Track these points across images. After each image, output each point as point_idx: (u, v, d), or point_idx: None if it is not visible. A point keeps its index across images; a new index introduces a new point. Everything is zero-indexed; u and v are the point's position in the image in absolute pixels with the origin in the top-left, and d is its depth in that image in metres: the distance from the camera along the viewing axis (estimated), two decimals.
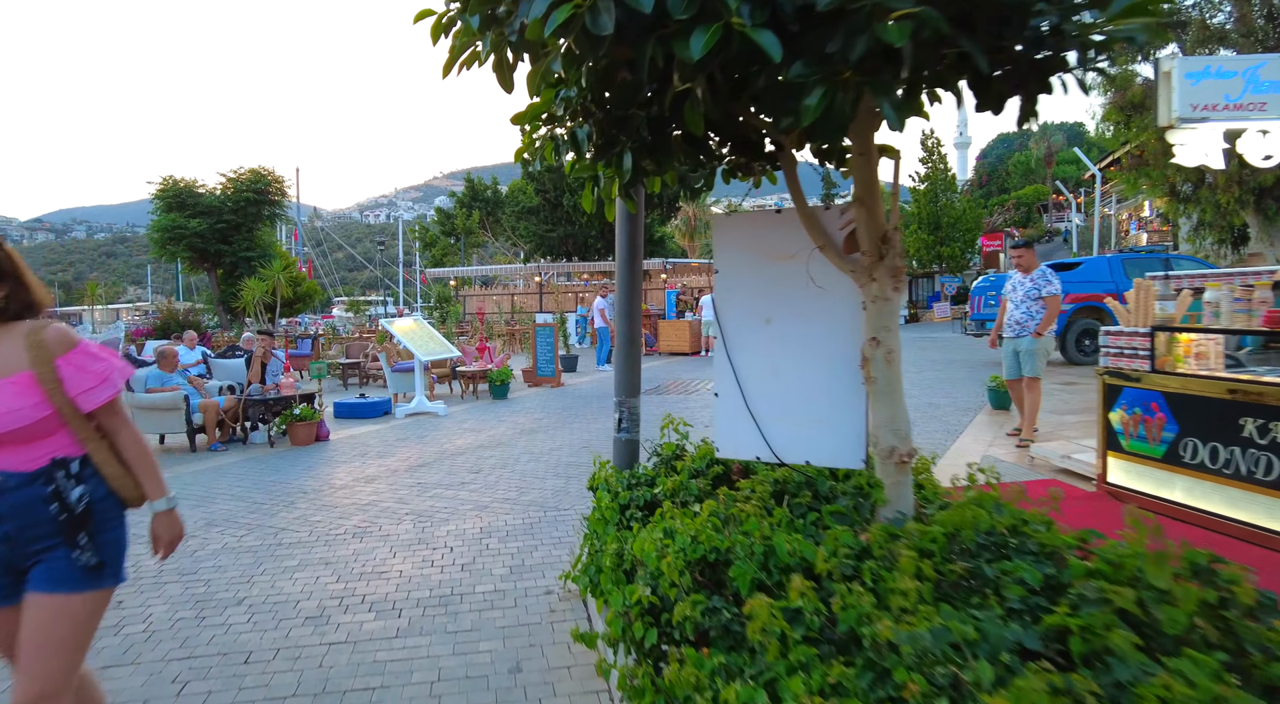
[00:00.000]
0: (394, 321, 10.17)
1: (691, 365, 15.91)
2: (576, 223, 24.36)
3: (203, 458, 7.40)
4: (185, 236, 19.17)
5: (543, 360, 13.09)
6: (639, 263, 4.14)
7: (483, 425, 8.96)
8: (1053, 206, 65.55)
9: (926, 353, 16.11)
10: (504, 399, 11.40)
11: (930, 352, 16.38)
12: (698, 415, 8.93)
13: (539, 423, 8.99)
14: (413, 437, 8.32)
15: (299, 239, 62.66)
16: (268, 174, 20.48)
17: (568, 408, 10.21)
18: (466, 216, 34.27)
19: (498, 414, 9.85)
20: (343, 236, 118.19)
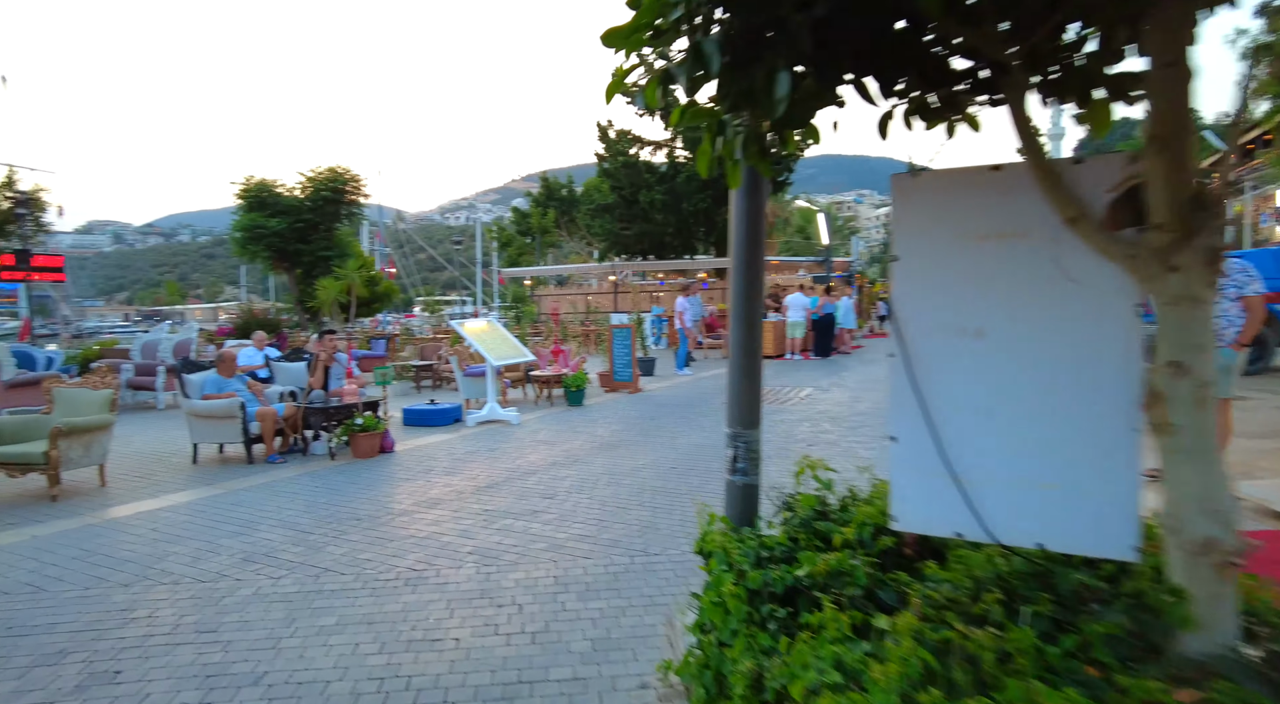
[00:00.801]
0: (465, 323, 9.54)
1: (779, 370, 14.83)
2: (652, 220, 23.52)
3: (258, 471, 6.86)
4: (265, 236, 19.30)
5: (620, 364, 12.27)
6: (760, 251, 3.21)
7: (557, 437, 8.18)
8: None
9: None
10: (579, 406, 10.63)
11: None
12: (796, 431, 7.91)
13: (618, 436, 8.15)
14: (482, 450, 7.60)
15: (381, 240, 64.32)
16: (345, 173, 20.45)
17: (648, 418, 9.34)
18: (542, 215, 33.98)
19: (573, 424, 9.07)
20: (424, 238, 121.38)
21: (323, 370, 7.87)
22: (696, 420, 9.00)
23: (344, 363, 8.29)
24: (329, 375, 7.97)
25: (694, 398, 11.10)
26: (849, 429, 8.13)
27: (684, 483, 5.99)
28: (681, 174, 23.19)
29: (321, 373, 7.85)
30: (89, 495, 6.02)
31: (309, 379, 7.84)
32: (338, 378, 8.08)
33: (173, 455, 7.53)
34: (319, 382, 7.83)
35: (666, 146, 23.94)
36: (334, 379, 8.05)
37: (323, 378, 7.88)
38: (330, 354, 8.03)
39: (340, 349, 8.34)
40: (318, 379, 7.85)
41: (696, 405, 10.28)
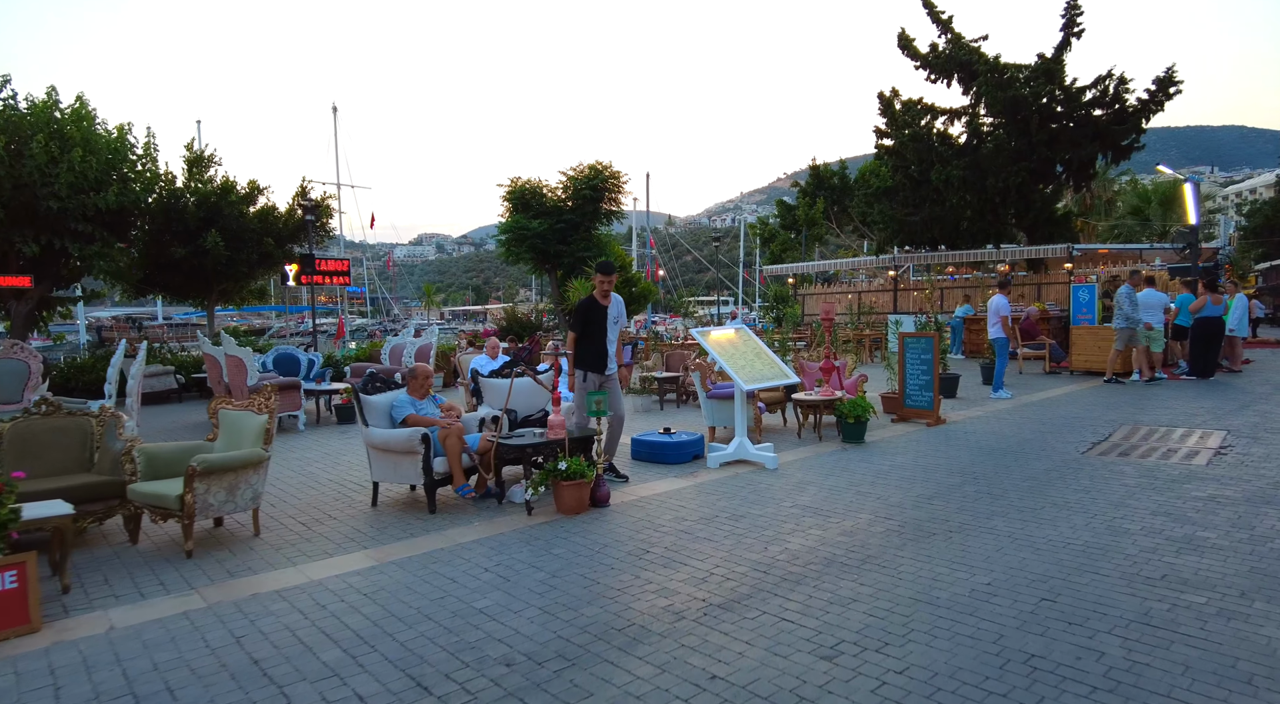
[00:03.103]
0: (709, 331, 7.40)
1: (1128, 394, 10.65)
2: (946, 201, 19.57)
3: (434, 525, 5.32)
4: (528, 238, 19.12)
5: (914, 386, 9.31)
6: None
7: (832, 501, 5.67)
8: None
9: None
10: (859, 444, 7.96)
11: None
12: (1185, 510, 4.52)
13: (925, 508, 5.41)
14: (722, 515, 5.37)
15: (651, 244, 65.87)
16: (605, 170, 19.62)
17: (967, 473, 6.42)
18: (810, 207, 31.00)
19: (854, 477, 6.47)
20: (691, 242, 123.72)
21: (510, 387, 6.24)
22: (1049, 484, 5.89)
23: (545, 387, 6.62)
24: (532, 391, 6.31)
25: (1030, 439, 7.83)
26: None
27: (1081, 640, 3.19)
28: (987, 144, 18.96)
29: (509, 391, 6.22)
30: (232, 550, 4.86)
31: (505, 401, 6.22)
32: (528, 399, 6.42)
33: (358, 493, 6.34)
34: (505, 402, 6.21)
35: (968, 113, 19.80)
36: (525, 400, 6.39)
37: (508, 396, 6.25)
38: (529, 365, 6.39)
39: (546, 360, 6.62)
40: (505, 399, 6.23)
41: (1038, 452, 7.07)
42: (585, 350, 6.37)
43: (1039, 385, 12.39)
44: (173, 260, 15.04)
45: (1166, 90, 17.81)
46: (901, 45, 20.79)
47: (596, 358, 6.35)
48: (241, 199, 16.00)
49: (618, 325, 6.49)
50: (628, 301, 23.42)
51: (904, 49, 20.69)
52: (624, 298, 21.83)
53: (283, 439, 9.33)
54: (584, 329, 6.38)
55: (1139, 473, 6.18)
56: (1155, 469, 6.29)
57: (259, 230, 16.00)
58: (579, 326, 6.39)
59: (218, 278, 15.88)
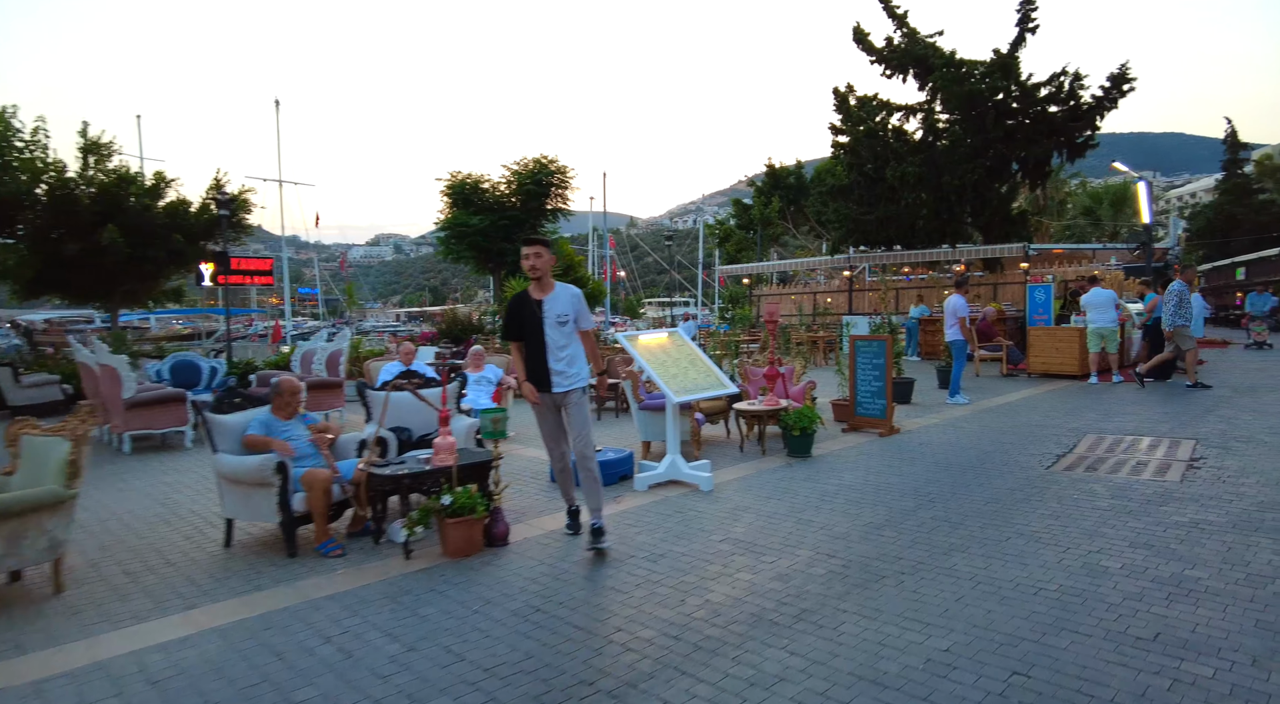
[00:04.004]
0: (637, 336, 6.57)
1: (1089, 399, 10.14)
2: (903, 200, 19.10)
3: (291, 575, 4.40)
4: (469, 235, 18.11)
5: (866, 393, 8.63)
6: None
7: (770, 532, 4.89)
8: None
9: None
10: (805, 457, 7.23)
11: None
12: (1167, 540, 3.87)
13: (877, 540, 4.66)
14: (640, 553, 4.55)
15: (611, 244, 65.05)
16: (551, 163, 18.71)
17: (923, 493, 5.70)
18: (765, 205, 30.43)
19: (795, 500, 5.71)
20: (652, 243, 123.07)
21: (385, 402, 5.32)
22: (1014, 508, 5.20)
23: (434, 404, 5.61)
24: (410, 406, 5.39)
25: (990, 451, 7.17)
26: None
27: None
28: (942, 140, 18.53)
29: (384, 407, 5.30)
30: (15, 615, 3.87)
31: (376, 416, 5.30)
32: (409, 420, 5.49)
33: (217, 530, 5.30)
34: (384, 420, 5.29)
35: (924, 109, 19.35)
36: (423, 416, 5.48)
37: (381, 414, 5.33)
38: (412, 374, 5.46)
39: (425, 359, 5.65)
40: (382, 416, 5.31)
41: (1000, 468, 6.40)
42: (526, 363, 4.75)
43: (997, 389, 11.86)
44: (66, 258, 13.66)
45: (1120, 87, 17.59)
46: (857, 39, 20.30)
47: (534, 372, 4.67)
48: (147, 191, 14.68)
49: (566, 326, 4.60)
50: None
51: (859, 43, 20.20)
52: None
53: (161, 459, 8.25)
54: (518, 333, 4.75)
55: (1110, 492, 5.53)
56: (1128, 487, 5.65)
57: (167, 226, 14.68)
58: (511, 331, 4.83)
59: (121, 277, 14.52)
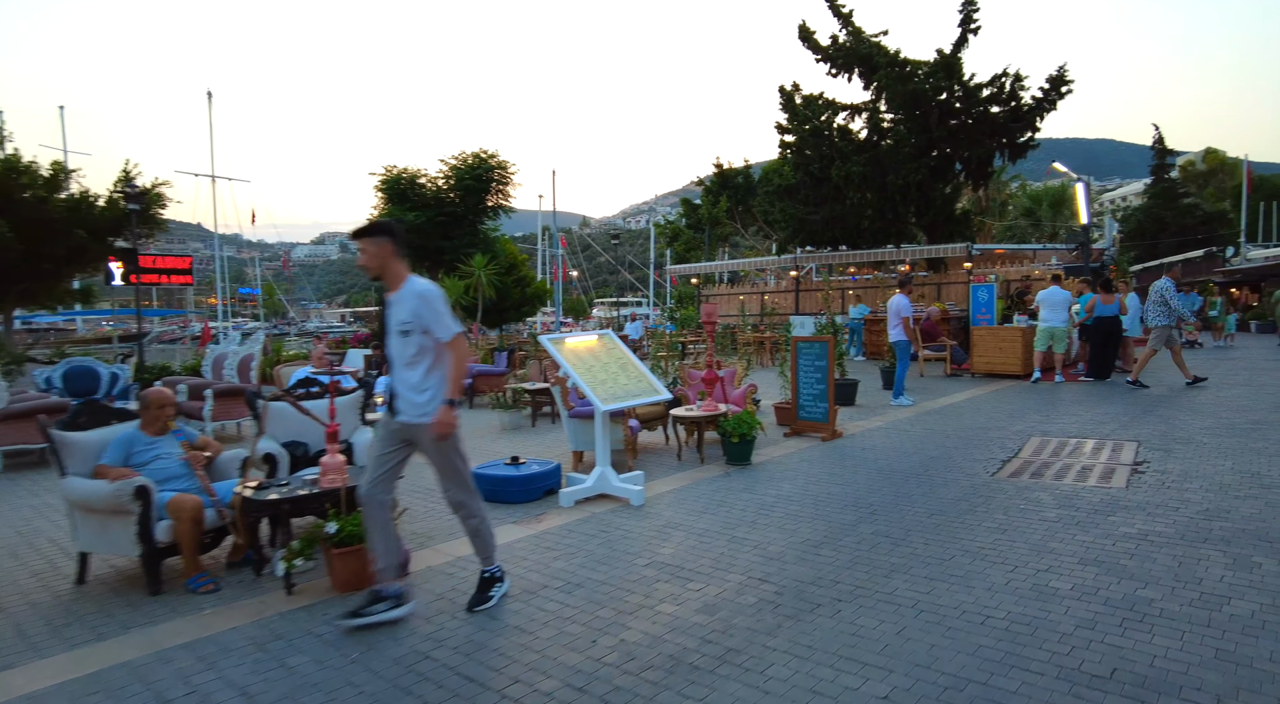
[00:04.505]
0: (562, 338, 6.09)
1: (1032, 399, 10.06)
2: (848, 200, 19.02)
3: (136, 616, 3.82)
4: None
5: (808, 396, 8.33)
6: None
7: (697, 555, 4.48)
8: None
9: None
10: (745, 465, 6.86)
11: None
12: (1117, 556, 3.57)
13: (814, 561, 4.28)
14: (555, 582, 4.09)
15: (563, 244, 64.34)
16: (490, 158, 18.07)
17: (865, 506, 5.37)
18: (713, 205, 30.21)
19: (730, 514, 5.32)
20: (605, 243, 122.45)
21: (264, 413, 4.74)
22: (959, 521, 4.89)
23: (307, 412, 5.01)
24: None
25: (934, 456, 6.91)
26: None
27: None
28: (886, 140, 18.50)
29: (263, 418, 4.72)
30: None
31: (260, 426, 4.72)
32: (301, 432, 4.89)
33: (70, 565, 4.60)
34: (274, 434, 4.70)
35: (869, 108, 19.31)
36: (314, 432, 4.90)
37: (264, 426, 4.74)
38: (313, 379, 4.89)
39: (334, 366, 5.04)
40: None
41: (944, 474, 6.12)
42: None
43: (941, 389, 11.74)
44: None
45: (1059, 89, 17.82)
46: (802, 37, 20.18)
47: (388, 390, 3.76)
48: (43, 184, 13.54)
49: (410, 336, 3.57)
50: (521, 302, 21.94)
51: (804, 41, 20.08)
52: (518, 298, 20.41)
53: (34, 479, 7.43)
54: (381, 344, 3.86)
55: (1057, 501, 5.28)
56: (1074, 495, 5.41)
57: (68, 221, 13.55)
58: (378, 341, 4.01)
59: (14, 276, 13.34)
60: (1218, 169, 56.78)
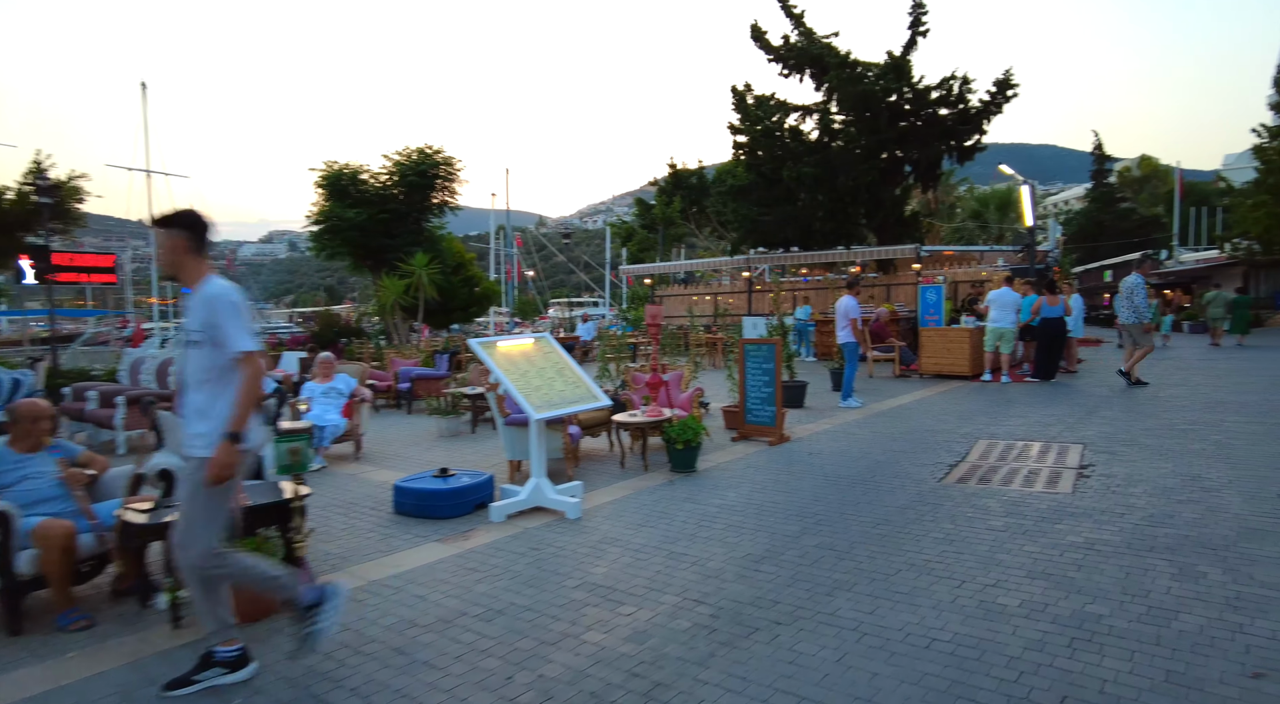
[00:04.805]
0: (495, 341, 5.76)
1: (979, 401, 10.07)
2: (799, 201, 19.01)
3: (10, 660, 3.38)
4: (344, 229, 16.70)
5: (755, 400, 8.13)
6: None
7: (632, 573, 4.20)
8: None
9: None
10: (690, 472, 6.62)
11: None
12: (1065, 568, 3.41)
13: (754, 578, 4.04)
14: (475, 609, 3.77)
15: (518, 243, 63.54)
16: (436, 154, 17.55)
17: (809, 515, 5.16)
18: (666, 204, 30.03)
19: (670, 527, 5.06)
20: (560, 242, 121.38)
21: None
22: (905, 531, 4.71)
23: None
24: None
25: (881, 461, 6.76)
26: None
27: None
28: (837, 141, 18.52)
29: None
30: None
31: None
32: None
33: None
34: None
35: (820, 109, 19.32)
36: None
37: None
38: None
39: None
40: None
41: (890, 480, 5.96)
42: None
43: (889, 391, 11.71)
44: None
45: (1005, 92, 18.08)
46: (754, 37, 20.11)
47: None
48: None
49: (201, 347, 2.98)
50: (469, 302, 21.36)
51: (756, 41, 20.02)
52: (466, 297, 20.02)
53: None
54: None
55: (1004, 508, 5.15)
56: (1021, 502, 5.29)
57: None
58: None
59: None
60: (1152, 175, 58.95)
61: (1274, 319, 24.92)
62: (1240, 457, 6.32)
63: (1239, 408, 8.79)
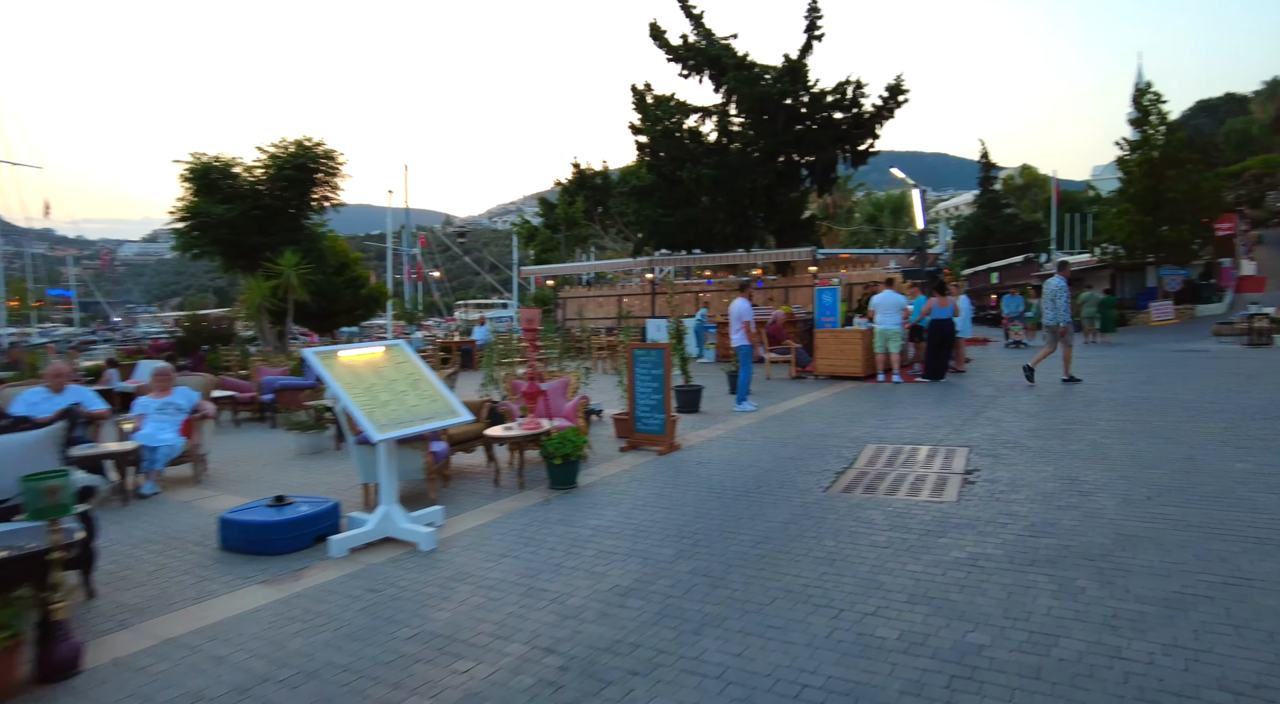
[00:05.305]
0: (335, 351, 5.09)
1: (871, 402, 10.08)
2: (700, 203, 18.88)
3: None
4: (213, 227, 15.34)
5: (645, 407, 7.75)
6: None
7: (479, 618, 3.68)
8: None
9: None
10: (570, 489, 6.14)
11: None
12: (947, 589, 3.18)
13: (617, 617, 3.60)
14: (281, 674, 3.16)
15: (422, 243, 61.30)
16: (316, 147, 16.40)
17: (688, 536, 4.78)
18: (569, 204, 29.46)
19: (535, 556, 4.56)
20: (471, 242, 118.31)
21: None
22: (785, 550, 4.39)
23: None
24: None
25: (769, 469, 6.49)
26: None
27: None
28: (736, 143, 18.51)
29: None
30: None
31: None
32: None
33: None
34: None
35: (719, 111, 19.26)
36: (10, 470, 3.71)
37: None
38: None
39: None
40: None
41: (776, 491, 5.67)
42: None
43: (785, 393, 11.61)
44: None
45: (896, 98, 18.52)
46: (653, 36, 19.87)
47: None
48: None
49: None
50: (354, 305, 20.19)
51: (655, 39, 19.79)
52: (350, 300, 18.78)
53: None
54: None
55: (889, 520, 4.92)
56: (906, 513, 5.08)
57: None
58: None
59: None
60: (1032, 184, 62.85)
61: (1137, 318, 26.73)
62: (1114, 456, 6.38)
63: (1111, 405, 9.08)
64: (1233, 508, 4.82)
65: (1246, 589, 3.59)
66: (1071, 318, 11.27)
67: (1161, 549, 4.14)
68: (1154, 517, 4.71)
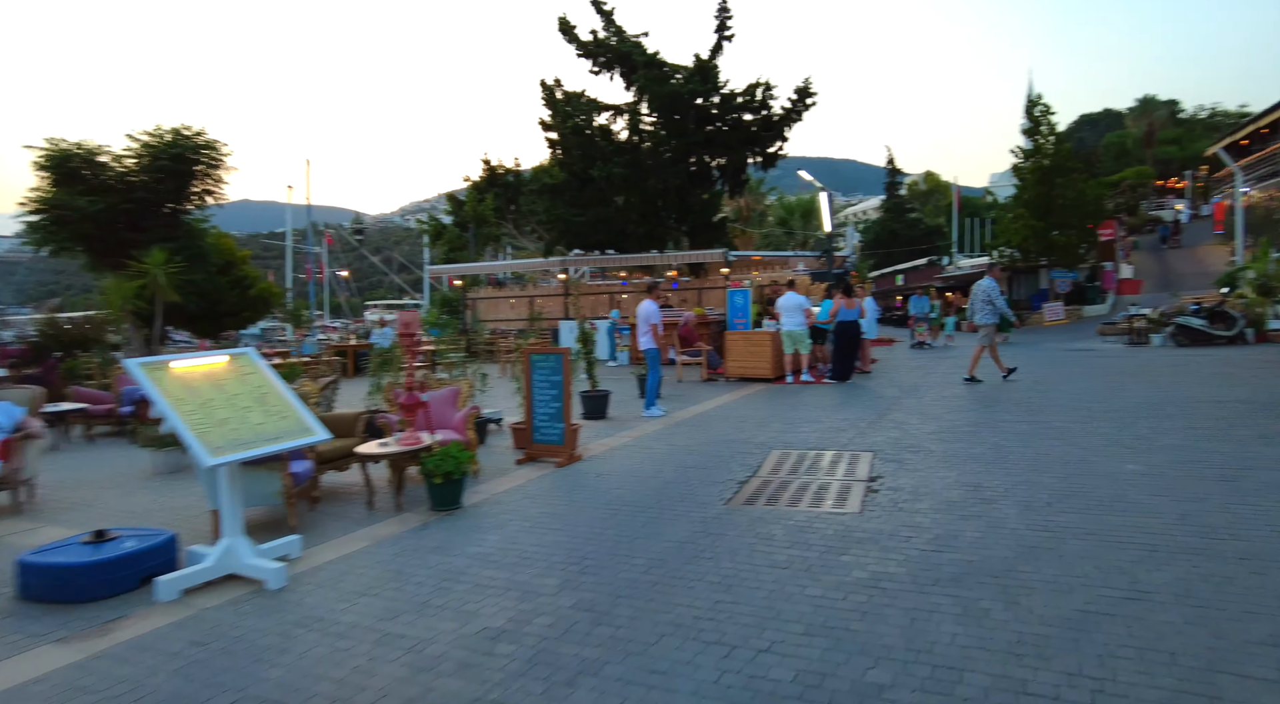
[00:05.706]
0: (165, 362, 4.39)
1: (779, 405, 9.93)
2: (611, 202, 18.50)
3: None
4: (75, 221, 13.87)
5: (543, 416, 7.28)
6: None
7: (323, 668, 3.14)
8: (1155, 192, 57.88)
9: (1171, 382, 9.76)
10: (454, 510, 5.61)
11: (1182, 380, 10.05)
12: (847, 616, 2.90)
13: (479, 669, 3.13)
14: None
15: (329, 242, 58.50)
16: (195, 135, 15.11)
17: (576, 563, 4.35)
18: (478, 201, 28.54)
19: (399, 595, 4.03)
20: (382, 240, 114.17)
21: None
22: (678, 575, 4.02)
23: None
24: None
25: (672, 480, 6.14)
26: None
27: None
28: (647, 142, 18.24)
29: None
30: None
31: None
32: None
33: None
34: None
35: (629, 110, 18.94)
36: None
37: None
38: None
39: None
40: None
41: (676, 505, 5.31)
42: None
43: (695, 396, 11.35)
44: None
45: (805, 100, 18.67)
46: (563, 30, 19.38)
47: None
48: None
49: None
50: (243, 306, 18.85)
51: (565, 34, 19.31)
52: (238, 302, 17.50)
53: None
54: None
55: (790, 537, 4.63)
56: (808, 527, 4.81)
57: None
58: None
59: None
60: (935, 190, 65.58)
61: (1032, 319, 28.02)
62: (1014, 460, 6.34)
63: (1010, 406, 9.20)
64: (1126, 512, 4.76)
65: (1145, 604, 3.45)
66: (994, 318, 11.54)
67: (1063, 562, 3.99)
68: (1054, 524, 4.60)
